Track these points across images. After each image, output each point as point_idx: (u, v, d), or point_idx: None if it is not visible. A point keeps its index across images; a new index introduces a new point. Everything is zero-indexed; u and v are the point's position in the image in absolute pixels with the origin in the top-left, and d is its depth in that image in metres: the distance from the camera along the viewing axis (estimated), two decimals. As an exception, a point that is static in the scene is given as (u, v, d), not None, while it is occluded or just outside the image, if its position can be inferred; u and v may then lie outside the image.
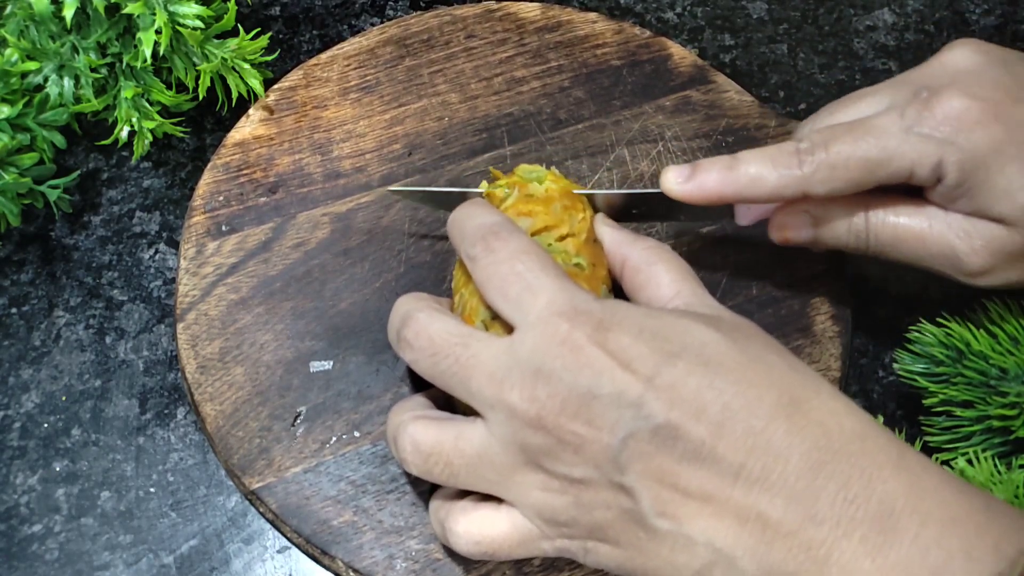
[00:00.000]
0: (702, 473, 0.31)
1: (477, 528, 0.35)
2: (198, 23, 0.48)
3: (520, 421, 0.33)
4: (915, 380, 0.43)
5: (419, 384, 0.44)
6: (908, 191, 0.41)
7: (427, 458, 0.35)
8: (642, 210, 0.46)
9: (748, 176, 0.40)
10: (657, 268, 0.39)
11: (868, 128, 0.40)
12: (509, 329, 0.36)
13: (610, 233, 0.42)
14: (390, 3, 0.60)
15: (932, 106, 0.39)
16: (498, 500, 0.35)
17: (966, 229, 0.40)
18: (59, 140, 0.49)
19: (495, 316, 0.38)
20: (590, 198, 0.44)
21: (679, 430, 0.31)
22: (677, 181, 0.41)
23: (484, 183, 0.45)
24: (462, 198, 0.45)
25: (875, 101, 0.42)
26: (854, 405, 0.33)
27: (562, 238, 0.40)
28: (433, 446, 0.35)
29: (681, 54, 0.55)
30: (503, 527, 0.35)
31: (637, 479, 0.32)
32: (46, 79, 0.48)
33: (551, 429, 0.32)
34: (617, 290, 0.42)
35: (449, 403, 0.40)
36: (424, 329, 0.36)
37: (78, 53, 0.48)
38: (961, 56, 0.41)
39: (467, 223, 0.38)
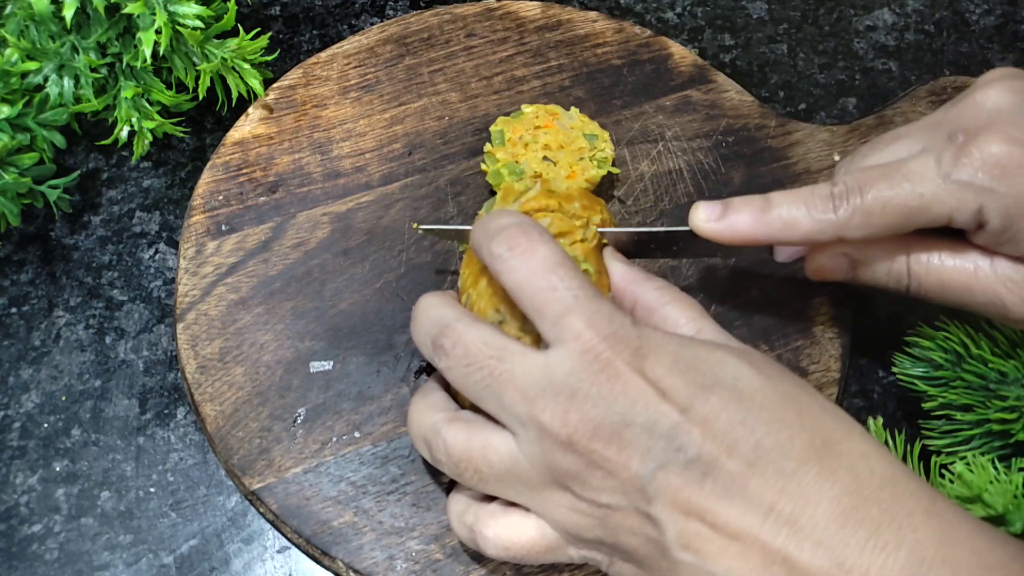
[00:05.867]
0: (732, 509, 0.31)
1: (506, 533, 0.36)
2: (198, 23, 0.48)
3: (550, 441, 0.33)
4: (914, 384, 0.43)
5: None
6: (950, 232, 0.40)
7: (457, 464, 0.36)
8: (675, 247, 0.45)
9: (781, 219, 0.39)
10: (671, 308, 0.39)
11: (904, 173, 0.38)
12: (519, 333, 0.36)
13: (620, 270, 0.41)
14: (390, 3, 0.60)
15: (970, 151, 0.38)
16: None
17: (1013, 278, 0.39)
18: (59, 140, 0.48)
19: (503, 320, 0.38)
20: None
21: (711, 465, 0.31)
22: (708, 219, 0.40)
23: (524, 105, 0.47)
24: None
25: (909, 143, 0.41)
26: (885, 449, 0.33)
27: (572, 243, 0.41)
28: (462, 454, 0.36)
29: (681, 54, 0.55)
30: (531, 534, 0.35)
31: (664, 510, 0.32)
32: (46, 79, 0.48)
33: (581, 452, 0.33)
34: None
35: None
36: (460, 337, 0.35)
37: (78, 53, 0.48)
38: (996, 95, 0.39)
39: (491, 223, 0.37)
